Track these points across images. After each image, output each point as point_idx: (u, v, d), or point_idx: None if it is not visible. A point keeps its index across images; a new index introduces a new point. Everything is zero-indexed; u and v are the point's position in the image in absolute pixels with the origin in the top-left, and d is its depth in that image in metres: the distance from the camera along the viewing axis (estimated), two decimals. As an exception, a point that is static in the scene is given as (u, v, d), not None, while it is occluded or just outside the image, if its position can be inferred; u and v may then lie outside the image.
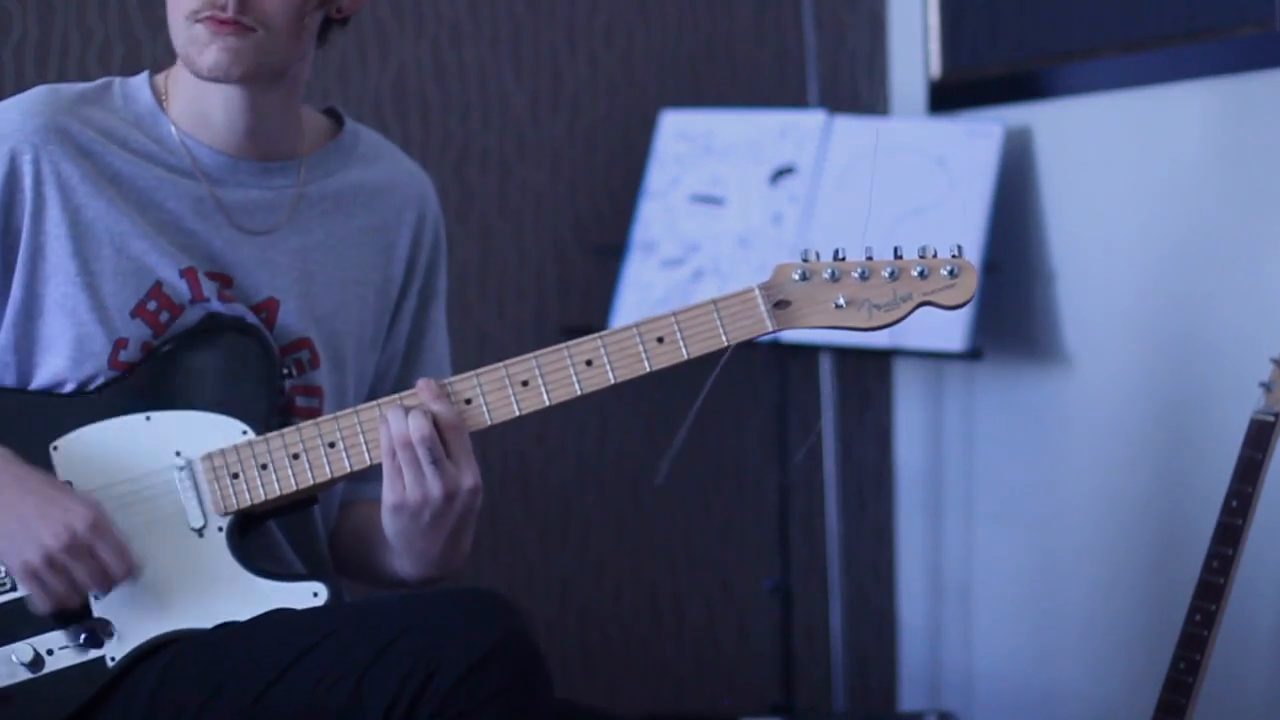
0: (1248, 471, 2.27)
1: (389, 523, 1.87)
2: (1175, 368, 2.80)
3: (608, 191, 3.20)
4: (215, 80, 1.90)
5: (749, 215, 3.05)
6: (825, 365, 3.12)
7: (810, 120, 3.09)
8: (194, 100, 1.95)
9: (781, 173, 3.07)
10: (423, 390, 1.86)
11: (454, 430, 1.84)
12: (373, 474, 1.98)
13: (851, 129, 3.07)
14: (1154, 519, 2.86)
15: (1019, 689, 3.13)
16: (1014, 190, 3.03)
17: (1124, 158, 2.89)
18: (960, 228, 2.93)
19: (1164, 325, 2.82)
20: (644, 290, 3.06)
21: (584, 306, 3.17)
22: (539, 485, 3.16)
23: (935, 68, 3.24)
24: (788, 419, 3.17)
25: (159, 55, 2.79)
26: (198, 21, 1.87)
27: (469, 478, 1.84)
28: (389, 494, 1.84)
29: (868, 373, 3.34)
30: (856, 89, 3.33)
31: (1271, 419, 2.27)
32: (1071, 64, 2.99)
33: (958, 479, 3.25)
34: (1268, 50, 2.62)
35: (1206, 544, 2.29)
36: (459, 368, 2.15)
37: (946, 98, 3.22)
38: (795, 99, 3.26)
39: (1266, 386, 2.29)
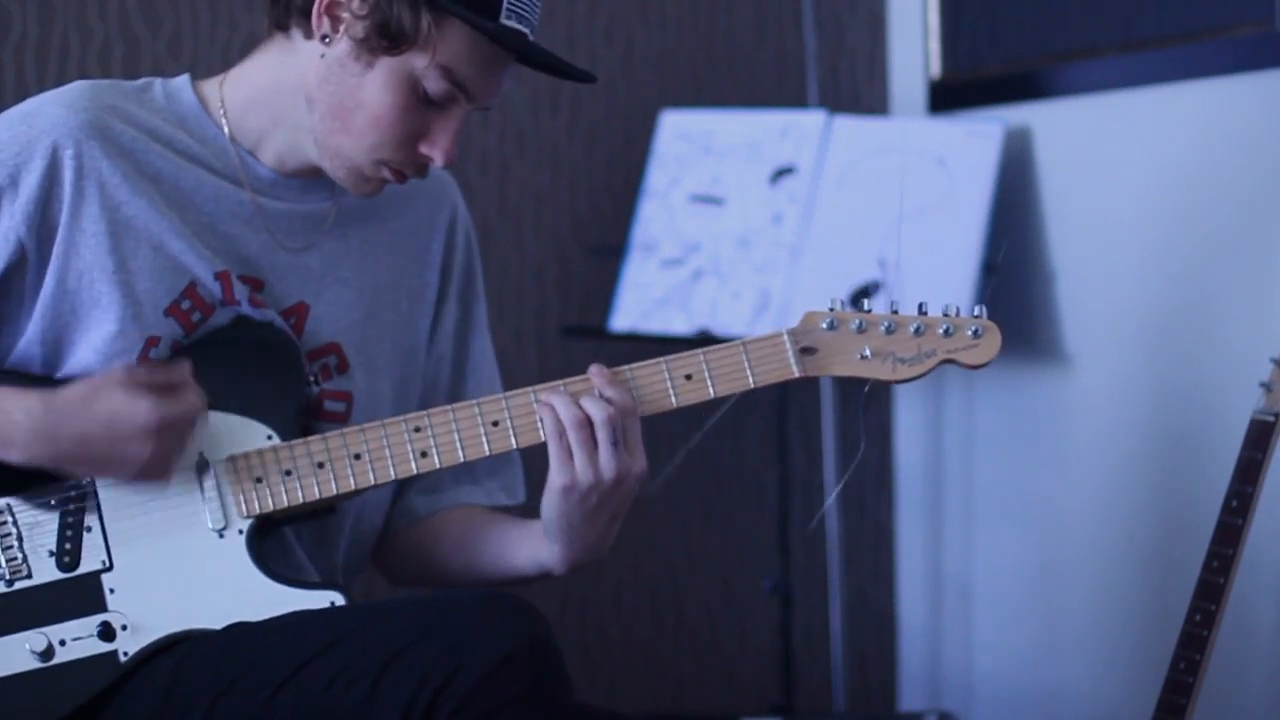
0: (1248, 471, 2.28)
1: (554, 504, 1.87)
2: (1175, 368, 2.81)
3: (608, 191, 3.20)
4: (357, 197, 1.95)
5: (749, 215, 3.05)
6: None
7: (810, 120, 3.09)
8: (264, 123, 1.95)
9: (781, 173, 3.07)
10: (596, 376, 1.87)
11: (629, 416, 1.86)
12: (444, 481, 2.00)
13: (851, 129, 3.07)
14: (1154, 519, 2.86)
15: (1019, 689, 3.13)
16: (1014, 190, 3.03)
17: (1124, 158, 2.89)
18: (960, 228, 2.93)
19: (1164, 325, 2.82)
20: (644, 290, 3.06)
21: (584, 306, 3.17)
22: (539, 485, 3.16)
23: (935, 68, 3.24)
24: (788, 419, 3.17)
25: (159, 55, 2.80)
26: (387, 166, 1.90)
27: (640, 463, 1.87)
28: (558, 476, 1.85)
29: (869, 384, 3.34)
30: (856, 89, 3.34)
31: (1271, 419, 2.27)
32: (1071, 64, 2.99)
33: (958, 479, 3.25)
34: (1268, 50, 2.62)
35: (1206, 544, 2.29)
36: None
37: (946, 98, 3.22)
38: (795, 99, 3.26)
39: (1266, 386, 2.29)
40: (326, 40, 1.88)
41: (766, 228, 3.04)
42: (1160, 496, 2.85)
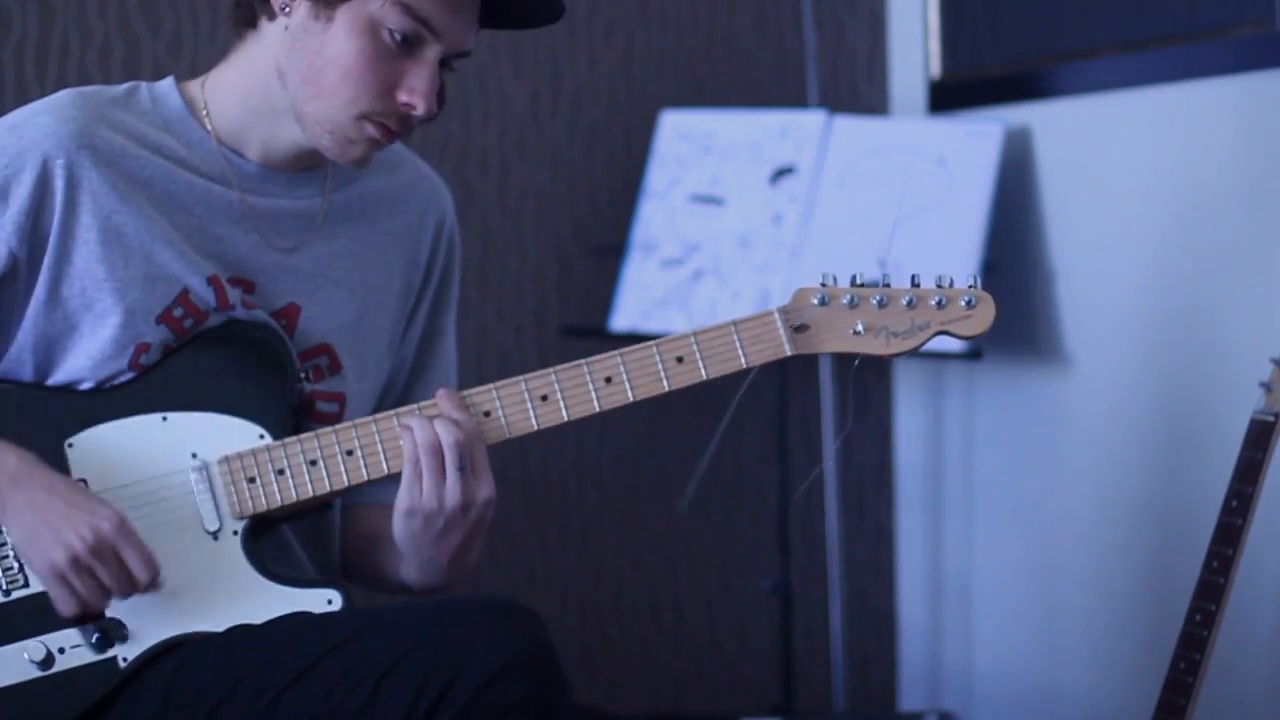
0: (1248, 471, 2.27)
1: (400, 527, 1.86)
2: (1175, 367, 2.80)
3: (608, 191, 3.20)
4: (350, 167, 1.93)
5: (749, 215, 3.05)
6: (825, 365, 3.12)
7: (810, 120, 3.09)
8: (245, 118, 1.95)
9: (781, 173, 3.07)
10: (443, 400, 1.86)
11: (475, 441, 1.85)
12: (381, 480, 1.99)
13: (851, 129, 3.07)
14: (1154, 519, 2.86)
15: (1019, 689, 3.13)
16: (1014, 190, 3.03)
17: (1124, 158, 2.89)
18: (960, 228, 2.93)
19: (1164, 325, 2.82)
20: (644, 290, 3.06)
21: (584, 306, 3.17)
22: (539, 485, 3.16)
23: (935, 68, 3.24)
24: (788, 419, 3.17)
25: (159, 55, 2.80)
26: (370, 122, 1.88)
27: (485, 489, 1.85)
28: (404, 499, 1.84)
29: (868, 372, 3.34)
30: (856, 89, 3.34)
31: (1271, 419, 2.27)
32: (1071, 64, 2.99)
33: (958, 479, 3.25)
34: (1268, 50, 2.62)
35: (1206, 544, 2.29)
36: (459, 366, 2.16)
37: (946, 98, 3.22)
38: (795, 99, 3.26)
39: (1266, 386, 2.29)
40: (286, 10, 1.88)
41: (766, 228, 3.04)
42: (1160, 496, 2.84)
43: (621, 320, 3.05)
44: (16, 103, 1.96)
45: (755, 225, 3.04)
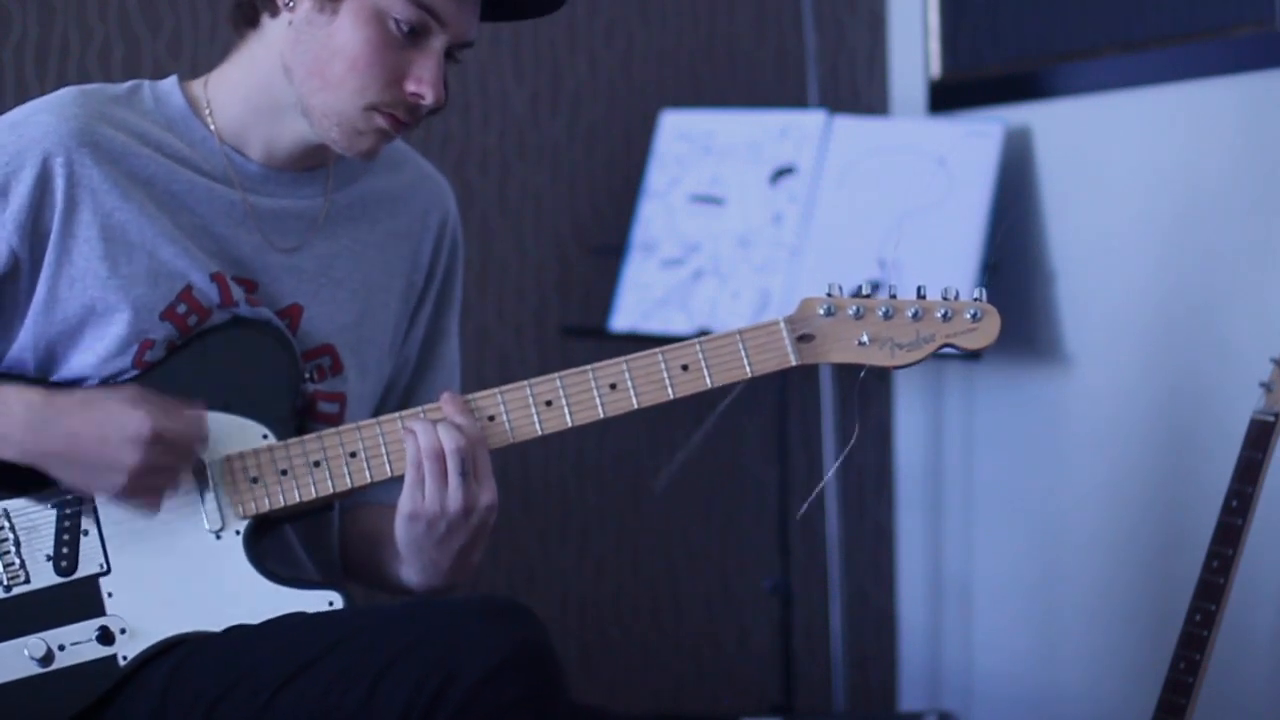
0: (1248, 471, 2.27)
1: (402, 531, 1.87)
2: (1175, 368, 2.80)
3: (608, 191, 3.20)
4: (359, 159, 1.93)
5: (749, 215, 3.05)
6: (826, 365, 3.12)
7: (810, 120, 3.09)
8: (247, 117, 1.94)
9: (781, 173, 3.07)
10: (447, 404, 1.87)
11: (478, 446, 1.85)
12: (383, 482, 1.99)
13: (851, 129, 3.07)
14: (1154, 519, 2.86)
15: (1019, 689, 3.13)
16: (1014, 190, 3.03)
17: (1124, 158, 2.89)
18: (960, 228, 2.93)
19: (1164, 325, 2.82)
20: (644, 290, 3.06)
21: (584, 306, 3.17)
22: (539, 485, 3.16)
23: (935, 68, 3.24)
24: (788, 419, 3.17)
25: (159, 55, 2.80)
26: (378, 113, 1.88)
27: (487, 494, 1.85)
28: (406, 503, 1.85)
29: (868, 372, 3.34)
30: (856, 89, 3.34)
31: (1271, 419, 2.27)
32: (1071, 64, 2.99)
33: (958, 479, 3.25)
34: (1268, 50, 2.62)
35: (1206, 544, 2.29)
36: (460, 366, 2.16)
37: (946, 98, 3.22)
38: (795, 99, 3.26)
39: (1267, 386, 2.29)
40: (290, 5, 1.88)
41: (766, 228, 3.04)
42: (1160, 496, 2.85)
43: (621, 320, 3.06)
44: (16, 102, 1.96)
45: (755, 225, 3.04)
